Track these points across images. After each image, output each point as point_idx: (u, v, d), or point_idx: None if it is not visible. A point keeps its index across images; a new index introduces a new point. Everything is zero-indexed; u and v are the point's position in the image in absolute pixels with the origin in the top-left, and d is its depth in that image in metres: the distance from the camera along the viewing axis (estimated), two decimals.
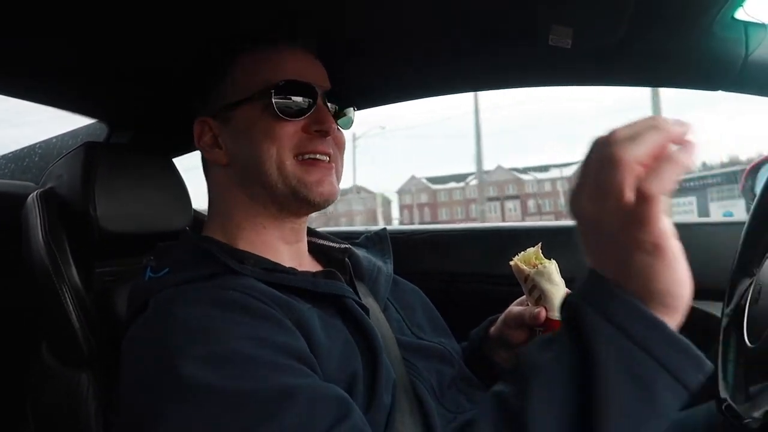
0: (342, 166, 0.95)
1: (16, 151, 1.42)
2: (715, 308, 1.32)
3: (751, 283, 0.93)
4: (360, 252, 1.01)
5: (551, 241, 0.94)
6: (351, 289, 0.87)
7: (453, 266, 1.61)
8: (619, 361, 0.54)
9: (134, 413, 0.68)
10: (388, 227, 1.25)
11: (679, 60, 1.10)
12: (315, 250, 1.00)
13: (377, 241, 1.11)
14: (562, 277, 0.89)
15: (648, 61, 1.12)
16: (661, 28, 1.02)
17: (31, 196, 1.00)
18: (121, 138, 1.34)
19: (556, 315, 0.86)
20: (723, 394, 0.90)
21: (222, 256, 0.81)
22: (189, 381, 0.62)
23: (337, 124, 0.92)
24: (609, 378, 0.54)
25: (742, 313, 0.90)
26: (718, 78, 1.11)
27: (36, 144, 1.41)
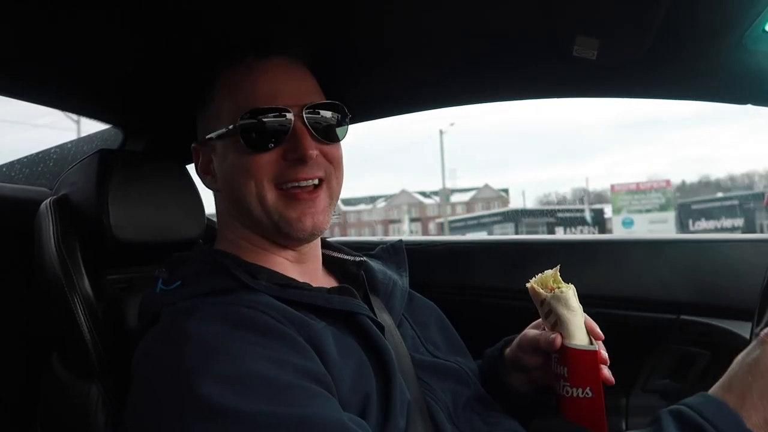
0: (338, 182, 0.88)
1: (31, 155, 1.41)
2: (740, 327, 1.29)
3: None
4: (375, 264, 0.99)
5: (567, 256, 0.92)
6: (366, 306, 0.84)
7: (467, 278, 1.58)
8: None
9: (146, 429, 0.66)
10: (404, 238, 1.23)
11: (708, 73, 1.07)
12: (329, 263, 0.98)
13: (393, 253, 1.08)
14: (579, 293, 0.86)
15: (676, 74, 1.09)
16: (690, 41, 0.99)
17: (44, 203, 0.99)
18: (135, 144, 1.33)
19: (572, 343, 0.82)
20: None
21: (236, 270, 0.79)
22: (208, 401, 0.61)
23: (324, 141, 0.85)
24: None
25: None
26: (747, 91, 1.09)
27: (51, 149, 1.41)
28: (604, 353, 0.84)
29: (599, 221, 19.67)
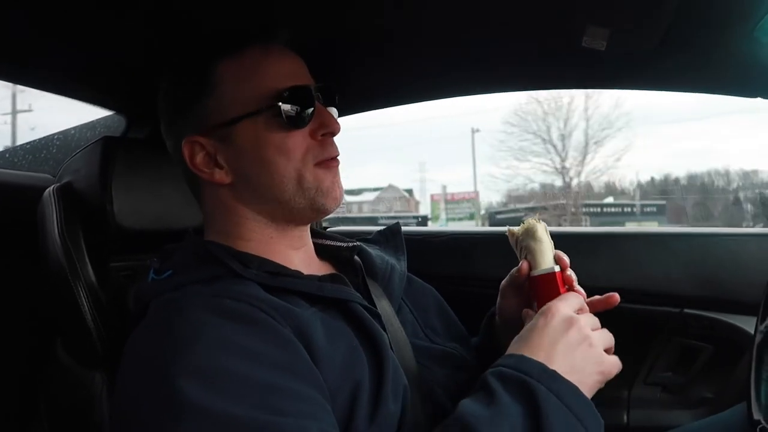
0: None
1: (34, 141, 1.41)
2: (743, 322, 1.29)
3: None
4: (372, 250, 0.99)
5: (569, 248, 0.91)
6: (358, 294, 0.84)
7: (469, 270, 1.58)
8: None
9: (124, 419, 0.66)
10: (405, 228, 1.23)
11: (718, 66, 1.06)
12: (322, 252, 0.97)
13: (390, 236, 1.08)
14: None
15: (685, 66, 1.08)
16: (700, 32, 0.98)
17: (47, 190, 0.99)
18: (138, 131, 1.32)
19: (538, 271, 0.87)
20: (756, 415, 0.87)
21: (226, 258, 0.79)
22: (180, 396, 0.60)
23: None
24: None
25: None
26: (757, 85, 1.08)
27: (54, 135, 1.40)
28: (570, 274, 0.87)
29: (423, 226, 21.03)
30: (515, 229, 0.92)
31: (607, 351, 0.78)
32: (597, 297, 0.88)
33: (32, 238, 0.98)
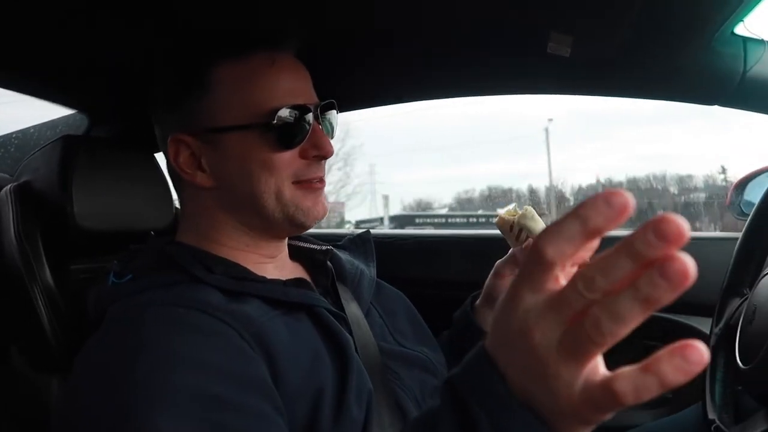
0: None
1: None
2: (701, 323, 1.32)
3: (742, 302, 0.93)
4: (342, 255, 0.99)
5: None
6: (323, 299, 0.84)
7: (439, 273, 1.59)
8: None
9: (71, 428, 0.64)
10: (374, 231, 1.23)
11: (678, 73, 1.09)
12: (296, 253, 0.97)
13: (360, 243, 1.08)
14: None
15: (646, 74, 1.11)
16: (661, 40, 1.01)
17: (4, 189, 0.96)
18: (101, 130, 1.29)
19: None
20: (711, 415, 0.89)
21: (186, 263, 0.77)
22: (127, 411, 0.58)
23: (329, 138, 0.86)
24: None
25: (733, 333, 0.89)
26: (715, 92, 1.11)
27: (12, 133, 1.36)
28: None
29: None
30: (508, 216, 0.96)
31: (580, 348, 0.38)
32: None
33: None
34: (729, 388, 0.91)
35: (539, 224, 0.94)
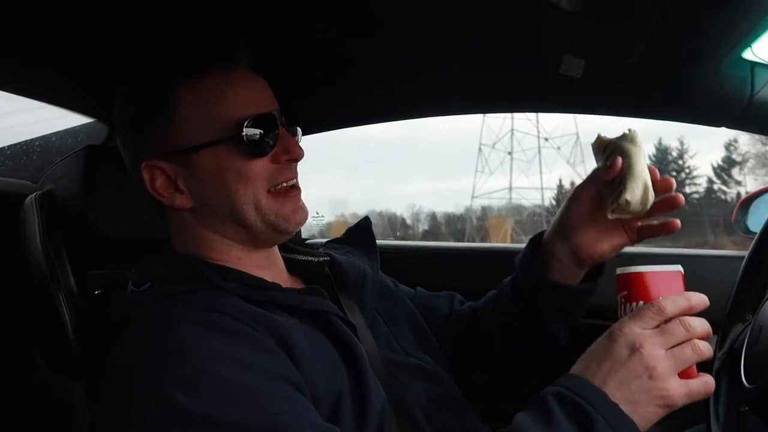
0: None
1: (13, 146, 1.39)
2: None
3: (745, 328, 0.93)
4: (343, 257, 0.98)
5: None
6: (336, 306, 0.85)
7: (446, 285, 1.59)
8: None
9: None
10: (381, 242, 1.23)
11: (687, 95, 1.11)
12: (292, 267, 0.96)
13: (359, 233, 1.07)
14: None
15: (656, 95, 1.13)
16: (671, 64, 1.03)
17: (29, 198, 0.99)
18: None
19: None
20: None
21: (205, 271, 0.79)
22: (179, 407, 0.61)
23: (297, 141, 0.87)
24: None
25: (737, 357, 0.90)
26: (722, 115, 1.13)
27: (34, 140, 1.39)
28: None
29: None
30: (606, 136, 0.90)
31: (685, 374, 0.68)
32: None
33: (9, 245, 0.97)
34: (733, 410, 0.92)
35: (639, 149, 0.86)
